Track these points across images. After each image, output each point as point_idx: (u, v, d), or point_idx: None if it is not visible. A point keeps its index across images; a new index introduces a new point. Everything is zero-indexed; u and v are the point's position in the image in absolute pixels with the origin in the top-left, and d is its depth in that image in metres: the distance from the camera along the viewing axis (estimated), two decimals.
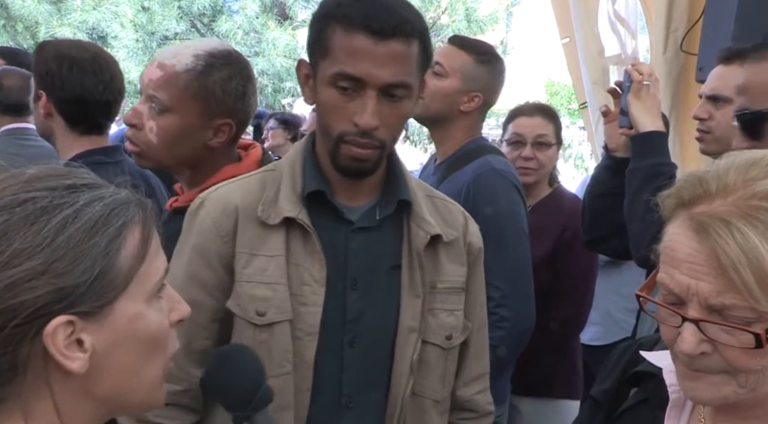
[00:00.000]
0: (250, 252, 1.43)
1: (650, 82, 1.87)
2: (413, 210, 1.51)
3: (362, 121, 1.37)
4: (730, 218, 0.87)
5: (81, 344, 0.79)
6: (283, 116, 5.91)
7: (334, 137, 1.41)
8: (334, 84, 1.37)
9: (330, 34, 1.37)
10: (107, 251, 0.79)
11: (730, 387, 0.93)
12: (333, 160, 1.44)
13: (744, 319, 0.87)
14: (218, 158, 1.77)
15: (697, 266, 0.89)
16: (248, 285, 1.42)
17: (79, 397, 0.82)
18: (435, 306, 1.52)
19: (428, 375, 1.53)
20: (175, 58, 1.72)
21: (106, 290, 0.80)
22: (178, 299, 0.92)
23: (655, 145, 1.84)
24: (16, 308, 0.75)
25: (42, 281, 0.76)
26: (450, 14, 12.30)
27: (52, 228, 0.77)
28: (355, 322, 1.47)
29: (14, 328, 0.75)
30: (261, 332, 1.41)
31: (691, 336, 0.90)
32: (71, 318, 0.77)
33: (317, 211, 1.46)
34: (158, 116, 1.72)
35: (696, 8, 3.16)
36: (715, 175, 0.91)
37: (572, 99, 14.11)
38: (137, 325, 0.83)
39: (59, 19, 11.78)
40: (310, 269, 1.44)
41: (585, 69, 3.95)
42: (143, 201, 0.87)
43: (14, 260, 0.75)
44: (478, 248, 1.61)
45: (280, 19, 12.20)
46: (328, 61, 1.38)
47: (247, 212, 1.44)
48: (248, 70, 1.80)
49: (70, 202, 0.79)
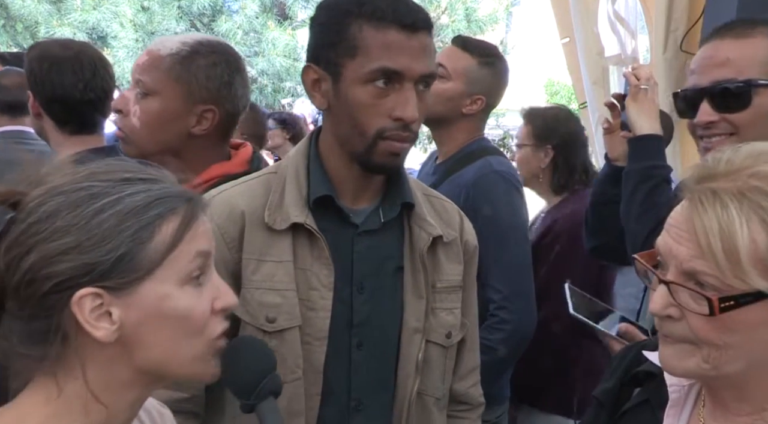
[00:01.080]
0: (258, 258, 1.42)
1: (648, 86, 1.88)
2: (415, 211, 1.51)
3: (407, 114, 1.37)
4: (719, 191, 0.91)
5: (110, 316, 0.90)
6: (281, 116, 5.89)
7: (372, 135, 1.39)
8: (370, 81, 1.36)
9: (357, 33, 1.36)
10: (135, 236, 0.89)
11: (694, 359, 0.95)
12: (366, 159, 1.42)
13: (711, 287, 0.91)
14: (206, 153, 1.75)
15: (681, 231, 0.94)
16: (258, 292, 1.41)
17: (114, 365, 0.93)
18: (435, 305, 1.53)
19: (430, 374, 1.54)
20: (163, 44, 1.73)
21: (132, 270, 0.89)
22: (226, 289, 1.00)
23: (651, 148, 1.86)
24: (50, 276, 0.87)
25: (72, 255, 0.87)
26: (450, 14, 12.29)
27: (91, 211, 0.89)
28: (362, 325, 1.48)
29: (49, 294, 0.88)
30: (271, 338, 1.41)
31: (660, 297, 0.95)
32: (98, 291, 0.88)
33: (323, 214, 1.45)
34: (142, 100, 1.72)
35: (696, 8, 3.16)
36: (726, 158, 0.95)
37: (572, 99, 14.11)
38: (165, 304, 0.92)
39: (59, 19, 11.77)
40: (318, 274, 1.43)
41: (585, 69, 3.94)
42: (194, 198, 0.96)
43: (54, 235, 0.88)
44: (473, 247, 1.62)
45: (280, 19, 12.19)
46: (359, 59, 1.36)
47: (253, 218, 1.43)
48: (236, 60, 1.78)
49: (117, 191, 0.91)
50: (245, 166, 1.76)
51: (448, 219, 1.58)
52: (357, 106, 1.38)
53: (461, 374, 1.65)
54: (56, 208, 0.89)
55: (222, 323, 0.99)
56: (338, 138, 1.45)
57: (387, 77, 1.36)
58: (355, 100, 1.38)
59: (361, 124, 1.39)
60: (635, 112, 1.88)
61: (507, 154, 2.86)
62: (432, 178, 2.39)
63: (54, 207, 0.89)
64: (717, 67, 1.65)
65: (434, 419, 1.57)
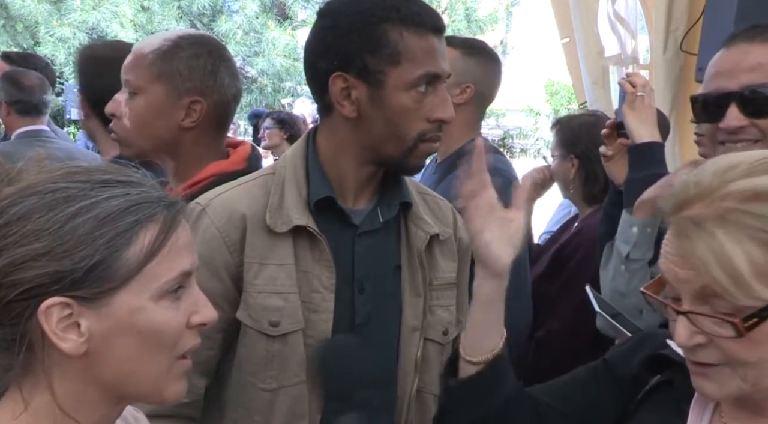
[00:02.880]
0: (260, 261, 1.41)
1: (644, 93, 1.87)
2: (412, 210, 1.52)
3: (446, 114, 1.43)
4: (700, 220, 0.91)
5: (79, 327, 0.84)
6: (279, 115, 5.89)
7: (413, 139, 1.41)
8: (415, 87, 1.39)
9: (398, 39, 1.37)
10: (111, 244, 0.84)
11: (734, 382, 0.95)
12: (401, 162, 1.45)
13: (726, 313, 0.91)
14: (201, 148, 1.74)
15: (680, 267, 0.94)
16: (260, 296, 1.41)
17: (80, 379, 0.87)
18: (432, 303, 1.54)
19: (429, 371, 1.54)
20: (147, 42, 1.73)
21: (106, 280, 0.84)
22: (204, 302, 0.94)
23: (652, 156, 1.86)
24: (17, 283, 0.82)
25: (42, 262, 0.82)
26: (450, 14, 12.28)
27: (65, 215, 0.83)
28: (364, 325, 1.48)
29: (15, 301, 0.82)
30: (275, 342, 1.41)
31: (683, 328, 0.95)
32: (67, 301, 0.83)
33: (323, 216, 1.45)
34: (130, 100, 1.72)
35: (696, 8, 3.16)
36: (695, 179, 0.96)
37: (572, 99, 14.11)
38: (137, 318, 0.86)
39: (59, 19, 11.76)
40: (319, 276, 1.43)
41: (585, 69, 3.94)
42: (174, 203, 0.90)
43: (24, 240, 0.82)
44: (466, 244, 1.62)
45: (280, 19, 12.19)
46: (404, 65, 1.38)
47: (254, 221, 1.42)
48: (220, 51, 1.76)
49: (94, 195, 0.85)
50: (243, 164, 1.75)
51: (442, 217, 1.59)
52: (400, 112, 1.40)
53: None
54: (28, 210, 0.83)
55: (195, 339, 0.94)
56: (366, 144, 1.44)
57: (428, 81, 1.39)
58: (398, 106, 1.39)
59: (402, 129, 1.41)
60: (633, 121, 1.87)
61: (507, 154, 2.83)
62: (434, 178, 2.39)
63: (26, 209, 0.83)
64: (747, 71, 1.58)
65: (432, 415, 1.56)
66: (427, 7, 1.43)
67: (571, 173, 2.64)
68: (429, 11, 1.42)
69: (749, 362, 0.93)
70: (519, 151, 12.44)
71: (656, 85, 3.41)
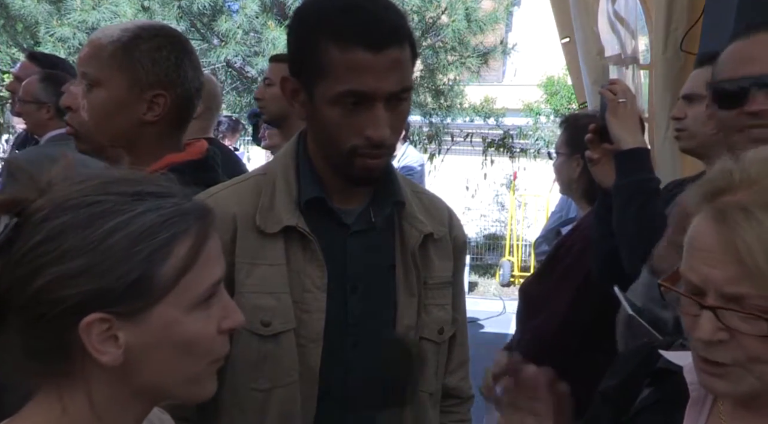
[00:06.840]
0: (251, 262, 1.42)
1: (626, 100, 1.88)
2: (405, 209, 1.51)
3: (376, 135, 1.35)
4: (749, 206, 0.88)
5: (117, 340, 0.87)
6: None
7: (346, 151, 1.38)
8: (339, 102, 1.34)
9: (323, 52, 1.32)
10: (149, 260, 0.86)
11: (748, 381, 0.94)
12: (345, 172, 1.42)
13: (759, 307, 0.88)
14: (160, 142, 1.69)
15: (715, 255, 0.91)
16: (252, 296, 1.41)
17: (116, 387, 0.90)
18: (427, 302, 1.53)
19: (424, 370, 1.54)
20: (104, 32, 1.67)
21: (144, 295, 0.86)
22: (233, 307, 0.97)
23: (637, 162, 1.87)
24: (58, 300, 0.83)
25: (82, 279, 0.83)
26: (450, 14, 12.27)
27: (103, 232, 0.84)
28: (357, 325, 1.47)
29: (56, 317, 0.84)
30: (267, 342, 1.41)
31: (708, 323, 0.92)
32: (107, 316, 0.85)
33: (314, 216, 1.44)
34: (88, 93, 1.67)
35: (696, 8, 3.16)
36: (740, 167, 0.93)
37: (572, 99, 14.10)
38: (173, 330, 0.89)
39: (59, 19, 11.75)
40: (311, 276, 1.43)
41: (585, 69, 3.94)
42: (205, 215, 0.92)
43: (63, 258, 0.83)
44: (462, 242, 1.62)
45: (280, 19, 12.18)
46: (328, 80, 1.33)
47: (245, 221, 1.42)
48: (182, 43, 1.72)
49: (129, 209, 0.86)
50: (198, 156, 1.72)
51: (437, 216, 1.58)
52: (329, 124, 1.37)
53: (451, 368, 1.66)
54: (64, 227, 0.84)
55: (226, 346, 0.97)
56: (319, 148, 1.45)
57: (356, 98, 1.33)
58: (327, 119, 1.36)
59: (335, 141, 1.38)
60: (617, 127, 1.89)
61: (507, 154, 2.81)
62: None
63: (62, 226, 0.84)
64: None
65: (428, 414, 1.57)
66: (371, 19, 1.32)
67: (575, 172, 2.64)
68: (368, 24, 1.31)
69: (765, 360, 0.91)
70: (519, 151, 12.40)
71: (656, 85, 3.42)
